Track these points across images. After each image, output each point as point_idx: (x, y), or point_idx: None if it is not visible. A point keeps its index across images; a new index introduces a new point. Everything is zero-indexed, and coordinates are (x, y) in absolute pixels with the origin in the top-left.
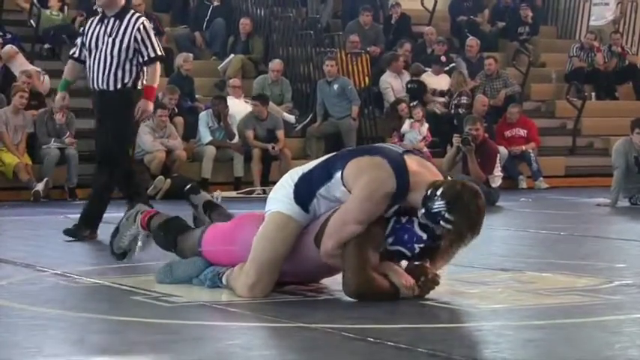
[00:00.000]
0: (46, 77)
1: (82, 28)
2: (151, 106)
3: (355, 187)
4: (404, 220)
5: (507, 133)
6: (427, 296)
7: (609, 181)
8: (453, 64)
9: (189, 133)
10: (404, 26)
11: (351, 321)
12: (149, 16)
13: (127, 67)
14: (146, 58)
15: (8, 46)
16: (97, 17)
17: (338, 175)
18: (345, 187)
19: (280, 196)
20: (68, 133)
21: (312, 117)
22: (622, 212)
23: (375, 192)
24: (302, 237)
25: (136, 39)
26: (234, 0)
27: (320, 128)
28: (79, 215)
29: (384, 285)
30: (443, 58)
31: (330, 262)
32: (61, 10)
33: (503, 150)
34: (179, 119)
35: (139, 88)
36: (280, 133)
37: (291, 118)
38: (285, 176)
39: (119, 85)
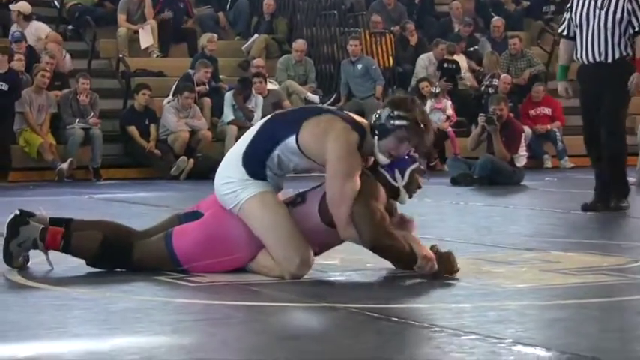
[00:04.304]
0: (68, 56)
1: (567, 5)
2: None
3: (328, 150)
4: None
5: (532, 113)
6: (452, 276)
7: (635, 160)
8: (476, 47)
9: (214, 113)
10: (427, 6)
11: (374, 301)
12: None
13: (619, 39)
14: (637, 29)
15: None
16: None
17: (290, 140)
18: (302, 151)
19: (238, 184)
20: (92, 114)
21: (336, 97)
22: None
23: (347, 143)
24: (305, 216)
25: (627, 10)
26: None
27: (344, 108)
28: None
29: (402, 244)
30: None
31: (351, 235)
32: None
33: (527, 129)
34: (207, 100)
35: (627, 60)
36: (286, 103)
37: (315, 98)
38: (225, 164)
39: (617, 56)
